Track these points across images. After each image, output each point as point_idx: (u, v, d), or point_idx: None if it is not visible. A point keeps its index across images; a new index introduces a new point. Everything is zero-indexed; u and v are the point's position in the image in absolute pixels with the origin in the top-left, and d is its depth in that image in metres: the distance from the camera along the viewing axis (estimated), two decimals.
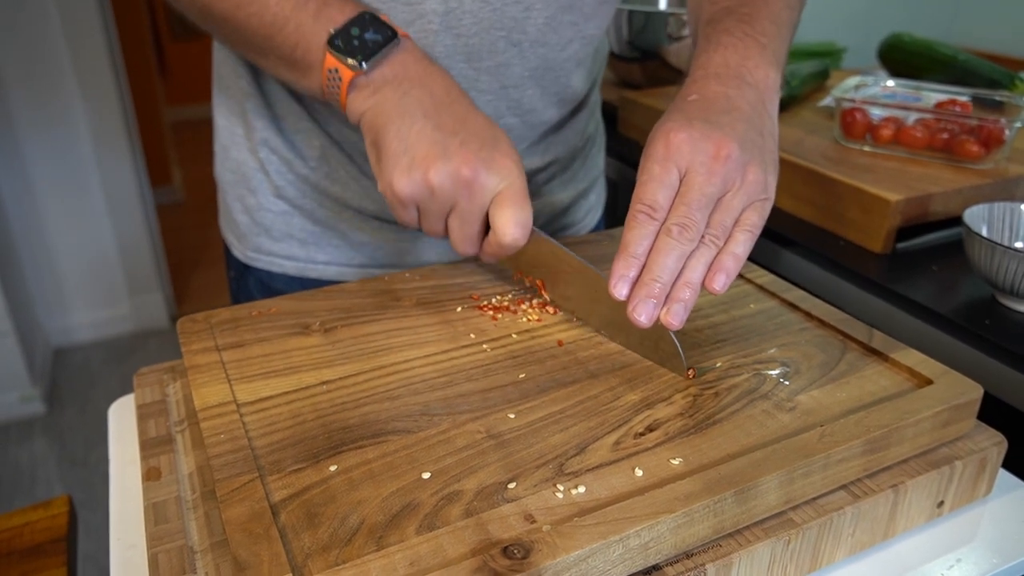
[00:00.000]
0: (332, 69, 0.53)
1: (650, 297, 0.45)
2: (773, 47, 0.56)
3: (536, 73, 0.65)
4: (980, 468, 0.46)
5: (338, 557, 0.35)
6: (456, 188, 0.51)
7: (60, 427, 2.00)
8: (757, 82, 0.53)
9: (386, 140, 0.52)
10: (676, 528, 0.37)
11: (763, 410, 0.45)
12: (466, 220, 0.53)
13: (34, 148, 2.08)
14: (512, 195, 0.52)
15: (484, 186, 0.52)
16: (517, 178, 0.53)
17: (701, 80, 0.53)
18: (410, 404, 0.46)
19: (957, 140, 0.85)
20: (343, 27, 0.53)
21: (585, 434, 0.43)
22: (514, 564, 0.34)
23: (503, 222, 0.52)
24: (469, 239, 0.54)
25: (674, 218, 0.46)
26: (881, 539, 0.45)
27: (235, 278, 0.77)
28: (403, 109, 0.53)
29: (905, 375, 0.49)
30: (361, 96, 0.54)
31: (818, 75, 1.12)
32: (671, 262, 0.46)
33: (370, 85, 0.53)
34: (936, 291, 0.71)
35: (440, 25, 0.60)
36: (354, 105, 0.54)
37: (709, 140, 0.47)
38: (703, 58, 0.55)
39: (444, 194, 0.52)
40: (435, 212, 0.53)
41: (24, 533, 0.69)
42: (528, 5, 0.61)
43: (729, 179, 0.47)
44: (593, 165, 0.81)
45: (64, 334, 2.32)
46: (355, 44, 0.53)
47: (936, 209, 0.79)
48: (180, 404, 0.52)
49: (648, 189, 0.47)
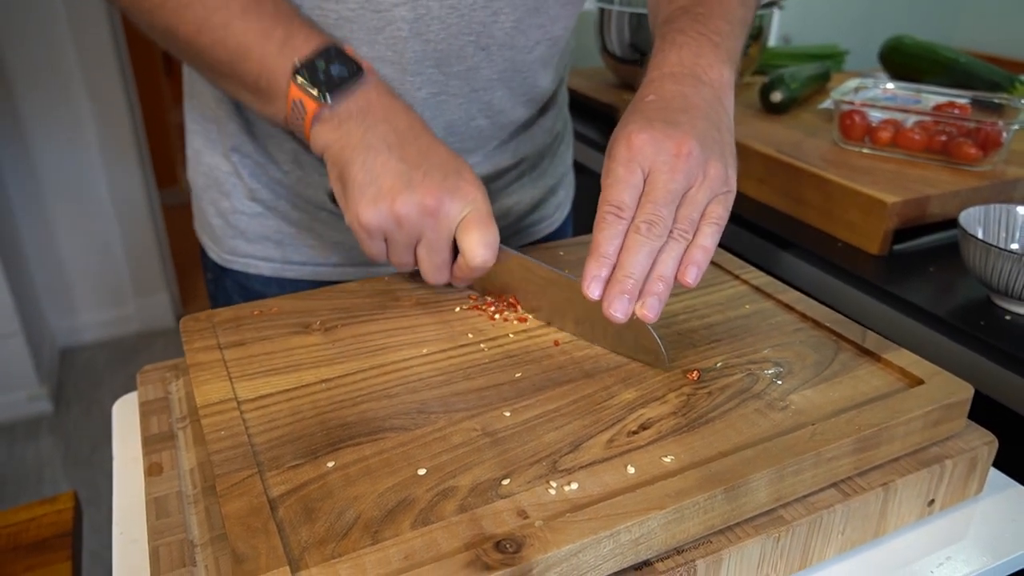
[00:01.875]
0: (296, 101, 0.53)
1: (623, 293, 0.46)
2: (726, 45, 0.57)
3: (504, 75, 0.66)
4: (971, 467, 0.47)
5: (334, 551, 0.36)
6: (422, 218, 0.52)
7: (66, 426, 2.01)
8: (712, 80, 0.55)
9: (352, 173, 0.53)
10: (666, 524, 0.38)
11: (756, 409, 0.46)
12: (434, 249, 0.54)
13: (41, 149, 2.10)
14: (477, 218, 0.53)
15: (448, 214, 0.53)
16: (482, 203, 0.54)
17: (657, 80, 0.55)
18: (407, 402, 0.47)
19: (955, 142, 0.85)
20: (308, 59, 0.53)
21: (579, 432, 0.44)
22: (506, 558, 0.35)
23: (471, 245, 0.53)
24: (438, 267, 0.55)
25: (642, 216, 0.48)
26: (872, 537, 0.45)
27: (212, 280, 0.78)
28: (368, 143, 0.53)
29: (897, 375, 0.49)
30: (325, 129, 0.54)
31: (819, 77, 1.12)
32: (642, 258, 0.47)
33: (334, 118, 0.54)
34: (932, 293, 0.72)
35: (409, 32, 0.61)
36: (318, 138, 0.54)
37: (670, 139, 0.49)
38: (659, 58, 0.57)
39: (410, 224, 0.53)
40: (402, 243, 0.54)
41: (30, 528, 0.70)
42: (496, 10, 0.62)
43: (692, 175, 0.49)
44: (561, 162, 0.82)
45: (71, 334, 2.34)
46: (320, 77, 0.53)
47: (933, 211, 0.79)
48: (182, 401, 0.53)
49: (615, 190, 0.49)
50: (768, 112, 1.04)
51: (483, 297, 0.59)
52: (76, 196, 2.18)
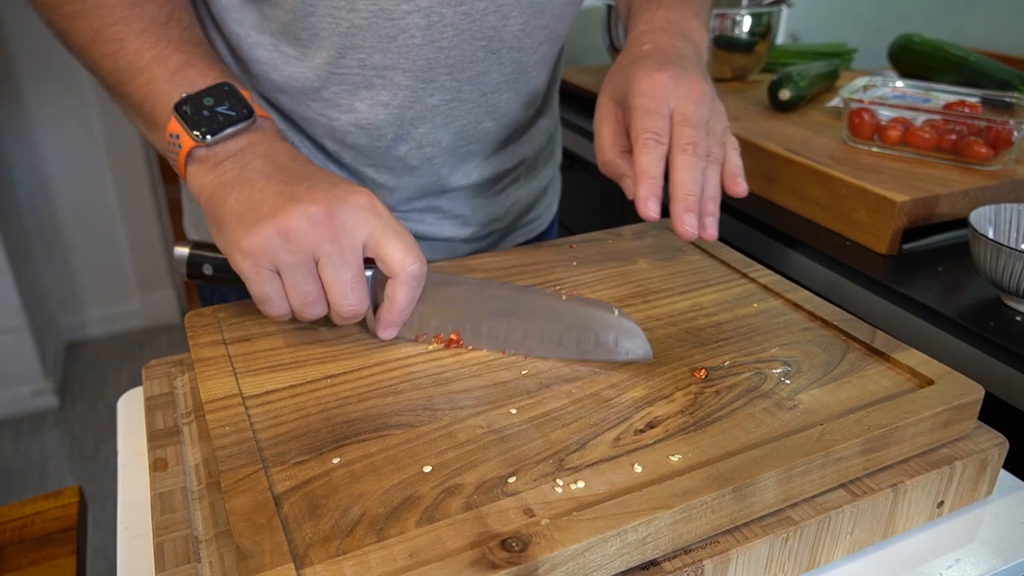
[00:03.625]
0: (174, 134, 0.50)
1: (688, 211, 0.52)
2: (703, 14, 0.66)
3: (511, 77, 0.67)
4: (981, 469, 0.47)
5: (339, 548, 0.36)
6: (313, 229, 0.46)
7: (71, 421, 2.02)
8: (695, 40, 0.62)
9: (226, 207, 0.48)
10: (674, 524, 0.38)
11: (764, 408, 0.45)
12: (338, 265, 0.47)
13: (48, 145, 2.11)
14: (384, 226, 0.48)
15: (344, 223, 0.47)
16: (381, 208, 0.48)
17: (650, 33, 0.61)
18: (413, 399, 0.46)
19: (965, 141, 0.84)
20: (197, 94, 0.50)
21: (586, 430, 0.43)
22: (512, 557, 0.34)
23: (395, 255, 0.47)
24: (351, 287, 0.47)
25: (685, 139, 0.53)
26: (880, 538, 0.45)
27: None
28: (243, 177, 0.49)
29: (907, 375, 0.49)
30: (200, 171, 0.51)
31: (827, 76, 1.11)
32: (696, 176, 0.52)
33: (211, 159, 0.50)
34: (941, 292, 0.71)
35: (423, 39, 0.60)
36: (194, 179, 0.51)
37: (686, 78, 0.55)
38: (647, 15, 0.63)
39: (301, 238, 0.46)
40: (298, 268, 0.47)
41: (35, 522, 0.70)
42: (505, 13, 0.62)
43: (709, 109, 0.55)
44: (553, 162, 0.83)
45: (76, 329, 2.35)
46: (204, 115, 0.50)
47: (943, 210, 0.79)
48: (187, 396, 0.53)
49: (651, 119, 0.53)
50: (776, 110, 1.04)
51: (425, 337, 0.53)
52: (82, 192, 2.18)
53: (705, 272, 0.62)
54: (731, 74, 1.20)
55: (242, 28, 0.62)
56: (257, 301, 0.48)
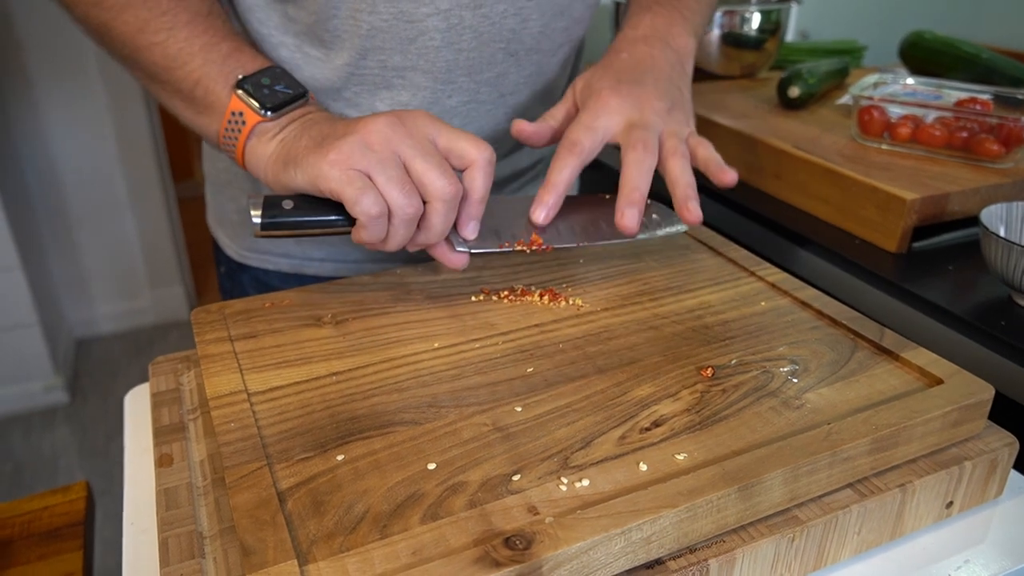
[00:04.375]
0: (237, 112, 0.53)
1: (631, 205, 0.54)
2: (694, 20, 0.66)
3: (531, 79, 0.67)
4: (991, 469, 0.46)
5: (342, 544, 0.36)
6: (391, 131, 0.49)
7: (82, 417, 2.03)
8: (679, 47, 0.63)
9: (299, 146, 0.51)
10: (679, 523, 0.37)
11: (770, 407, 0.45)
12: (423, 155, 0.49)
13: (59, 141, 2.12)
14: (450, 128, 0.51)
15: (415, 125, 0.50)
16: (439, 119, 0.52)
17: (631, 40, 0.63)
18: (418, 396, 0.46)
19: (976, 139, 0.84)
20: (254, 74, 0.53)
21: (591, 428, 0.43)
22: (515, 555, 0.34)
23: (468, 145, 0.51)
24: (441, 171, 0.49)
25: (633, 138, 0.55)
26: (888, 539, 0.45)
27: (226, 274, 0.78)
28: (308, 129, 0.52)
29: (916, 374, 0.48)
30: (261, 142, 0.53)
31: (837, 73, 1.11)
32: (643, 172, 0.55)
33: (270, 131, 0.53)
34: (952, 291, 0.71)
35: (442, 41, 0.61)
36: (254, 152, 0.53)
37: (638, 97, 0.58)
38: (635, 20, 0.65)
39: (383, 140, 0.49)
40: (387, 163, 0.48)
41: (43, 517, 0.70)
42: (525, 16, 0.62)
43: (662, 119, 0.57)
44: None
45: (87, 325, 2.36)
46: (264, 92, 0.53)
47: (953, 208, 0.78)
48: (193, 393, 0.53)
49: (577, 131, 0.56)
50: (785, 107, 1.03)
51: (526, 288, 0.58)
52: (93, 189, 2.20)
53: (712, 270, 0.62)
54: (740, 71, 1.19)
55: (265, 28, 0.62)
56: (352, 203, 0.48)
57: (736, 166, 0.58)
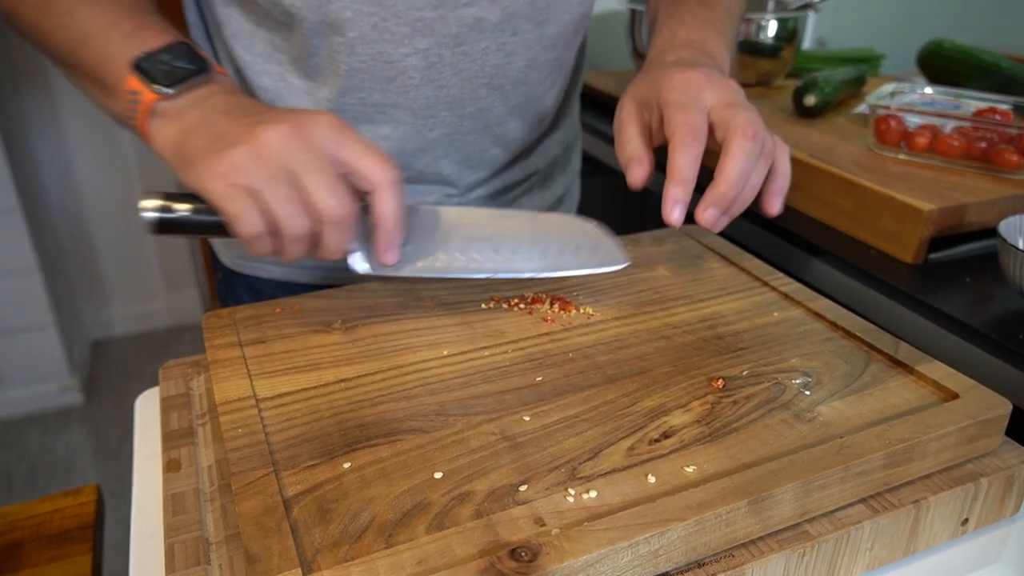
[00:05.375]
0: (133, 91, 0.49)
1: (718, 206, 0.50)
2: (727, 35, 0.63)
3: (518, 108, 0.67)
4: (1007, 486, 0.45)
5: (347, 553, 0.35)
6: (283, 143, 0.45)
7: (96, 418, 2.04)
8: (717, 58, 0.60)
9: (193, 144, 0.47)
10: (687, 536, 0.37)
11: (782, 420, 0.44)
12: (313, 170, 0.45)
13: (78, 146, 2.14)
14: (354, 141, 0.47)
15: (313, 137, 0.46)
16: (347, 127, 0.48)
17: (671, 48, 0.60)
18: (426, 404, 0.46)
19: (996, 149, 0.82)
20: (153, 52, 0.50)
21: (599, 439, 0.43)
22: (521, 567, 0.34)
23: (370, 164, 0.46)
24: (331, 189, 0.45)
25: (743, 121, 0.50)
26: (902, 556, 0.44)
27: (223, 280, 0.78)
28: (207, 119, 0.48)
29: (931, 388, 0.48)
30: (163, 123, 0.50)
31: (853, 81, 1.10)
32: (748, 168, 0.50)
33: (171, 111, 0.49)
34: (969, 304, 0.70)
35: (421, 80, 0.60)
36: (157, 134, 0.50)
37: (718, 76, 0.53)
38: (668, 32, 0.62)
39: (272, 152, 0.45)
40: (275, 180, 0.45)
41: (54, 519, 0.71)
42: (509, 52, 0.62)
43: (746, 102, 0.53)
44: (570, 171, 0.82)
45: (103, 327, 2.38)
46: (163, 69, 0.49)
47: (971, 219, 0.77)
48: (203, 397, 0.53)
49: (687, 113, 0.51)
50: (801, 116, 1.02)
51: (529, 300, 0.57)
52: (110, 192, 2.21)
53: (725, 280, 0.61)
54: (756, 79, 1.18)
55: (250, 55, 0.63)
56: (231, 220, 0.46)
57: None
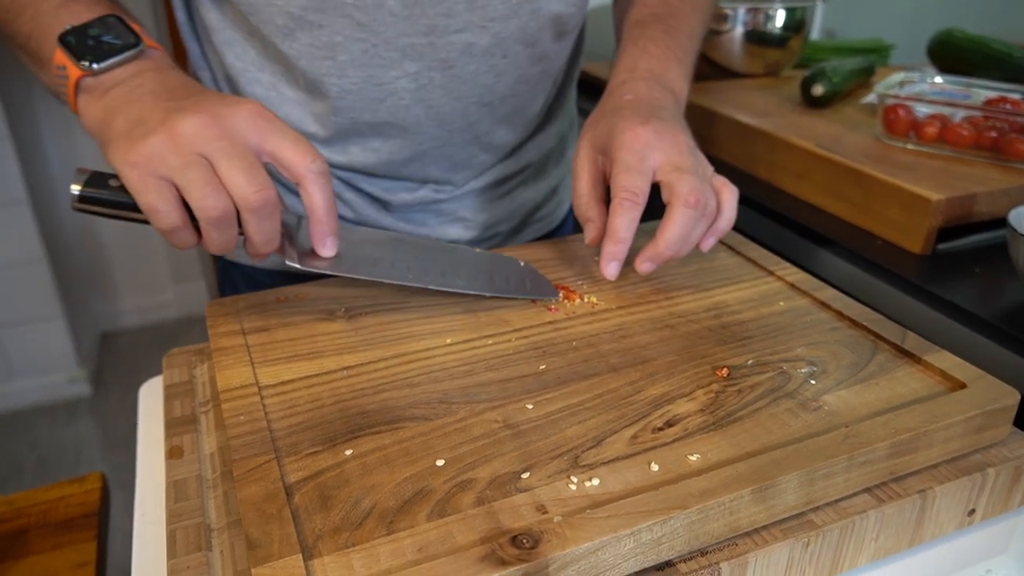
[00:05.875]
0: (60, 66, 0.48)
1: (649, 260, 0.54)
2: (686, 62, 0.64)
3: (506, 118, 0.67)
4: (1015, 477, 0.45)
5: (348, 540, 0.35)
6: (200, 131, 0.44)
7: (104, 409, 2.06)
8: (675, 90, 0.61)
9: (114, 127, 0.46)
10: (690, 524, 0.37)
11: (787, 409, 0.44)
12: (231, 156, 0.44)
13: (86, 138, 2.14)
14: (277, 130, 0.46)
15: (233, 127, 0.45)
16: (272, 114, 0.47)
17: (631, 82, 0.60)
18: (429, 392, 0.46)
19: (1006, 139, 0.82)
20: (81, 25, 0.49)
21: (602, 427, 0.43)
22: (522, 553, 0.34)
23: (294, 155, 0.46)
24: (250, 175, 0.44)
25: (686, 189, 0.51)
26: (907, 546, 0.43)
27: (222, 269, 0.78)
28: (131, 99, 0.47)
29: (938, 378, 0.47)
30: (90, 100, 0.49)
31: (862, 71, 1.09)
32: (685, 232, 0.52)
33: (99, 88, 0.48)
34: (978, 294, 0.69)
35: (412, 100, 0.61)
36: (85, 111, 0.49)
37: (668, 132, 0.54)
38: (629, 61, 0.62)
39: (188, 140, 0.44)
40: (190, 168, 0.43)
41: (59, 507, 0.71)
42: (499, 71, 0.62)
43: (694, 159, 0.54)
44: (565, 161, 0.82)
45: (111, 318, 2.39)
46: (89, 44, 0.48)
47: (980, 210, 0.76)
48: (206, 385, 0.53)
49: (631, 177, 0.52)
50: (809, 106, 1.02)
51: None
52: None
53: (730, 269, 0.61)
54: (763, 69, 1.17)
55: (241, 63, 0.63)
56: (147, 213, 0.45)
57: (758, 165, 0.58)
